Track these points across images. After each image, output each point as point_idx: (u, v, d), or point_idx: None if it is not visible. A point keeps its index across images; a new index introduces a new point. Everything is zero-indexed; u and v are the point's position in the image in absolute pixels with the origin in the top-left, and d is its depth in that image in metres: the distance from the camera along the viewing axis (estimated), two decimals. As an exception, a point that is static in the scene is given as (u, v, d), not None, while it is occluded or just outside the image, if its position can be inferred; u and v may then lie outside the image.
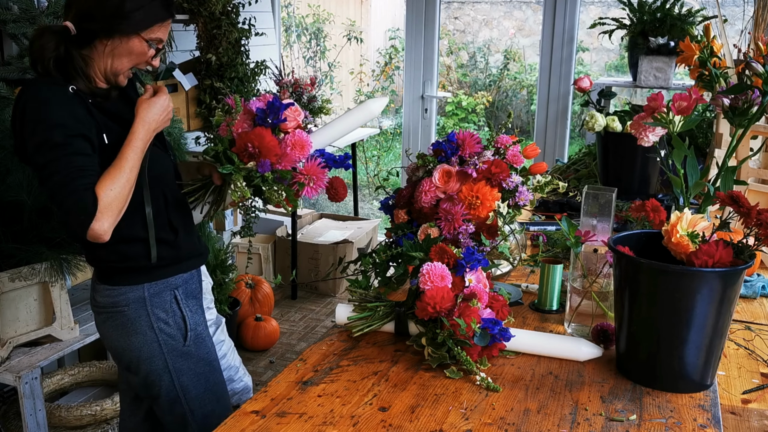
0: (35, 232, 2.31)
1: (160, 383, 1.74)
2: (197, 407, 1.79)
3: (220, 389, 1.85)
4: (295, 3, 7.60)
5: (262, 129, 1.56)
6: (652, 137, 1.68)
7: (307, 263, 4.38)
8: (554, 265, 1.73)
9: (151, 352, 1.71)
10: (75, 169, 1.47)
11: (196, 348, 1.77)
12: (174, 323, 1.73)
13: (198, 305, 1.81)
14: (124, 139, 1.57)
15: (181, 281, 1.76)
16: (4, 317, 2.29)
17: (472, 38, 8.20)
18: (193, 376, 1.77)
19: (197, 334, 1.77)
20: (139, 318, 1.69)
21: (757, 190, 2.30)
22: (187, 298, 1.77)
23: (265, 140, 1.55)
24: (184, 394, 1.76)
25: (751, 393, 1.52)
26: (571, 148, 4.43)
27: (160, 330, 1.71)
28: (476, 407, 1.33)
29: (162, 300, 1.71)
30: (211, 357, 1.82)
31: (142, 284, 1.69)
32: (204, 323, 1.82)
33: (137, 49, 1.60)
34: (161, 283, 1.71)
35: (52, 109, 1.50)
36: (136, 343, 1.71)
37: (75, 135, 1.50)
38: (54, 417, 2.55)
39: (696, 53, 1.78)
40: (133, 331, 1.70)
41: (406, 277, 1.64)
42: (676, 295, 1.31)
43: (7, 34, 2.75)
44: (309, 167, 1.61)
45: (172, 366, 1.73)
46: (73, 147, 1.49)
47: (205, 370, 1.80)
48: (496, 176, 1.66)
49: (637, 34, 3.52)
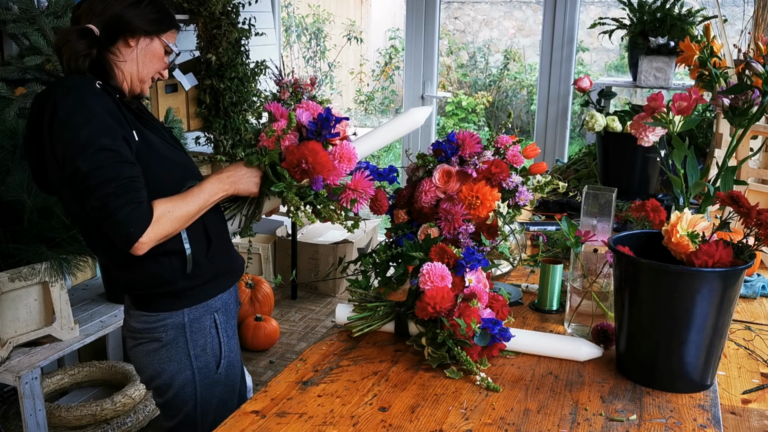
0: (35, 232, 2.31)
1: (183, 408, 1.66)
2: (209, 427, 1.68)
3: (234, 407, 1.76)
4: (295, 3, 7.60)
5: (316, 144, 1.50)
6: (652, 137, 1.68)
7: (307, 263, 4.38)
8: (554, 265, 1.73)
9: (184, 380, 1.63)
10: (126, 180, 1.40)
11: (226, 375, 1.69)
12: (210, 350, 1.65)
13: (234, 327, 1.74)
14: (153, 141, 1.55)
15: (221, 303, 1.67)
16: (4, 317, 2.29)
17: (472, 38, 8.20)
18: (216, 402, 1.68)
19: (230, 362, 1.70)
20: (177, 345, 1.61)
21: (757, 190, 2.30)
22: (227, 321, 1.69)
23: (319, 156, 1.49)
24: (202, 419, 1.67)
25: (751, 393, 1.52)
26: (571, 148, 4.43)
27: (196, 357, 1.63)
28: (476, 407, 1.33)
29: (201, 326, 1.63)
30: (235, 382, 1.73)
31: (181, 309, 1.60)
32: (237, 347, 1.74)
33: (158, 51, 1.60)
34: (201, 307, 1.63)
35: (92, 108, 1.43)
36: (169, 371, 1.62)
37: (119, 138, 1.43)
38: (54, 417, 2.55)
39: (696, 53, 1.78)
40: (168, 359, 1.62)
41: (406, 277, 1.64)
42: (676, 295, 1.31)
43: (7, 34, 2.75)
44: (357, 181, 1.57)
45: (200, 394, 1.65)
46: (120, 154, 1.42)
47: (227, 397, 1.71)
48: (496, 176, 1.66)
49: (637, 34, 3.52)
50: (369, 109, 8.13)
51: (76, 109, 1.41)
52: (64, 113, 1.41)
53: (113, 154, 1.41)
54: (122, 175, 1.40)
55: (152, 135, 1.57)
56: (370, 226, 4.72)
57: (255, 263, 4.45)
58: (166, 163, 1.56)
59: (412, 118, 1.76)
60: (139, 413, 2.71)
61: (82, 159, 1.39)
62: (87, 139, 1.40)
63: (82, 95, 1.44)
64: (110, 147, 1.41)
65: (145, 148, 1.51)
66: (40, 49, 2.66)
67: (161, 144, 1.59)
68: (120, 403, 2.66)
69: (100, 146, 1.40)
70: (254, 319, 3.65)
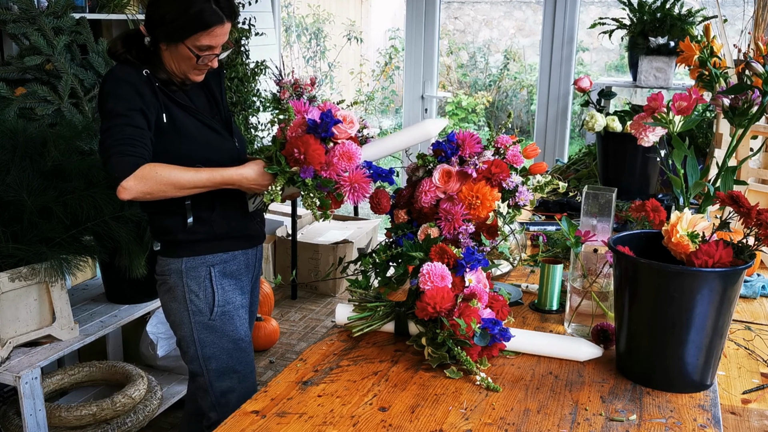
0: (35, 232, 2.30)
1: (187, 350, 1.91)
2: (216, 381, 1.91)
3: (244, 368, 1.95)
4: (295, 3, 7.60)
5: (310, 137, 1.64)
6: (652, 137, 1.68)
7: (307, 263, 4.38)
8: (554, 265, 1.73)
9: (181, 319, 1.89)
10: (126, 137, 1.65)
11: (222, 323, 1.88)
12: (204, 297, 1.87)
13: (236, 286, 1.93)
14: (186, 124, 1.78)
15: (219, 260, 1.88)
16: (4, 317, 2.28)
17: (472, 38, 8.20)
18: (216, 349, 1.90)
19: (225, 311, 1.89)
20: (177, 288, 1.87)
21: (757, 190, 2.30)
22: (224, 277, 1.89)
23: (311, 148, 1.62)
24: (205, 365, 1.90)
25: (751, 393, 1.52)
26: (571, 148, 4.42)
27: (191, 301, 1.87)
28: (476, 407, 1.33)
29: (197, 274, 1.86)
30: (237, 335, 1.92)
31: (181, 258, 1.86)
32: (239, 304, 1.93)
33: (185, 54, 1.75)
34: (198, 259, 1.86)
35: (122, 86, 1.71)
36: (173, 309, 1.90)
37: (135, 109, 1.69)
38: (54, 417, 2.55)
39: (696, 53, 1.78)
40: (172, 298, 1.89)
41: (406, 277, 1.64)
42: (676, 295, 1.31)
43: (7, 34, 2.75)
44: (354, 176, 1.67)
45: (197, 337, 1.88)
46: (129, 119, 1.67)
47: (229, 347, 1.91)
48: (496, 176, 1.66)
49: (637, 34, 3.52)
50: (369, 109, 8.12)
51: (108, 87, 1.73)
52: (101, 90, 1.75)
53: (124, 119, 1.67)
54: (123, 133, 1.66)
55: (187, 117, 1.80)
56: (370, 226, 4.71)
57: (255, 263, 4.45)
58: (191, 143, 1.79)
59: (426, 129, 1.79)
60: (139, 413, 2.70)
61: (104, 121, 1.70)
62: (110, 108, 1.70)
63: (116, 78, 1.73)
64: (124, 113, 1.68)
65: (170, 126, 1.76)
66: (40, 49, 2.66)
67: (197, 126, 1.82)
68: (120, 403, 2.66)
69: (116, 113, 1.68)
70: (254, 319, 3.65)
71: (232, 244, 1.91)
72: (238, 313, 1.92)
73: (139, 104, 1.70)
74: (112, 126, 1.67)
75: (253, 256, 2.00)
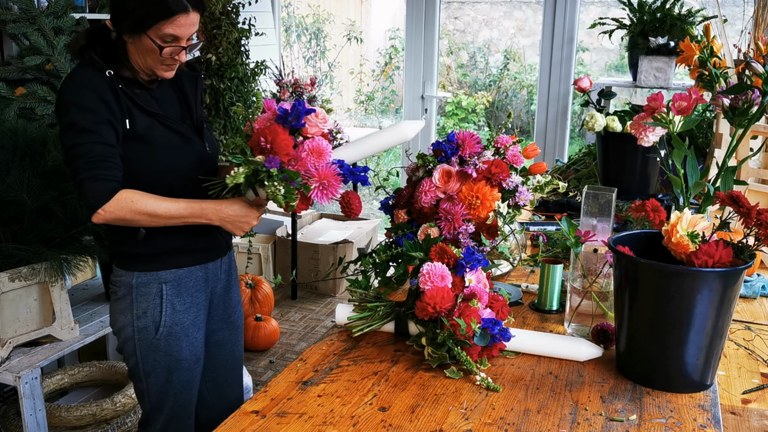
0: (35, 232, 2.30)
1: (128, 359, 1.84)
2: (154, 393, 1.84)
3: (182, 388, 1.85)
4: (295, 3, 7.60)
5: (278, 126, 1.57)
6: (652, 137, 1.68)
7: (307, 263, 4.38)
8: (554, 265, 1.73)
9: (125, 333, 1.80)
10: (97, 158, 1.58)
11: (166, 344, 1.80)
12: (151, 315, 1.78)
13: (191, 304, 1.82)
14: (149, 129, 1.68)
15: (173, 277, 1.79)
16: (4, 317, 2.28)
17: (472, 38, 8.20)
18: (156, 366, 1.81)
19: (171, 333, 1.79)
20: (125, 301, 1.79)
21: (757, 190, 2.30)
22: (177, 295, 1.80)
23: (279, 137, 1.55)
24: (145, 377, 1.83)
25: (751, 393, 1.52)
26: (571, 148, 4.42)
27: (137, 317, 1.78)
28: (476, 407, 1.33)
29: (147, 291, 1.77)
30: (181, 356, 1.82)
31: (132, 272, 1.78)
32: (189, 324, 1.82)
33: (149, 46, 1.65)
34: (150, 275, 1.77)
35: (86, 94, 1.61)
36: (119, 322, 1.81)
37: (103, 122, 1.61)
38: (54, 417, 2.55)
39: (696, 53, 1.78)
40: (119, 311, 1.81)
41: (406, 277, 1.64)
42: (676, 295, 1.31)
43: (7, 34, 2.75)
44: (323, 172, 1.59)
45: (140, 353, 1.80)
46: (98, 135, 1.60)
47: (171, 366, 1.82)
48: (496, 176, 1.66)
49: (637, 34, 3.52)
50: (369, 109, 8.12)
51: (71, 96, 1.62)
52: (61, 98, 1.64)
53: (94, 136, 1.59)
54: (94, 153, 1.58)
55: (151, 122, 1.70)
56: (370, 226, 4.71)
57: (255, 263, 4.45)
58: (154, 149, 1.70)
59: (402, 131, 1.72)
60: (139, 413, 2.70)
61: (67, 134, 1.61)
62: (74, 121, 1.60)
63: (78, 85, 1.63)
64: (92, 129, 1.59)
65: (132, 131, 1.67)
66: (40, 49, 2.66)
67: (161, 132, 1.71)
68: (120, 403, 2.66)
69: (83, 128, 1.59)
70: (254, 319, 3.65)
71: (188, 259, 1.81)
72: (187, 333, 1.82)
73: (106, 115, 1.61)
74: (81, 144, 1.58)
75: (215, 270, 1.89)
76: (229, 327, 1.99)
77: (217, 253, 1.88)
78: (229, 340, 1.99)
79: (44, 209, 2.31)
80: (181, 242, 1.78)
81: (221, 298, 1.95)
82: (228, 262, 1.95)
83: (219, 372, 2.00)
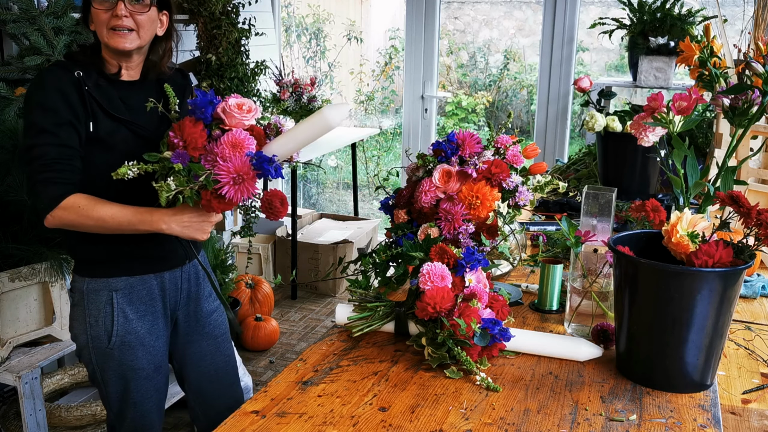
0: (35, 232, 2.31)
1: (87, 366, 1.81)
2: (113, 400, 1.81)
3: (140, 397, 1.81)
4: (295, 3, 7.60)
5: (188, 120, 1.48)
6: (652, 137, 1.68)
7: (307, 263, 4.38)
8: (554, 265, 1.73)
9: (81, 340, 1.78)
10: (50, 160, 1.58)
11: (120, 353, 1.76)
12: (102, 324, 1.74)
13: (146, 312, 1.78)
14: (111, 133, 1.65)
15: (123, 285, 1.75)
16: (4, 317, 2.29)
17: (472, 38, 8.19)
18: (113, 375, 1.78)
19: (124, 342, 1.75)
20: (79, 307, 1.77)
21: (757, 190, 2.30)
22: (129, 303, 1.75)
23: (186, 131, 1.45)
24: (104, 385, 1.80)
25: (751, 393, 1.52)
26: (571, 148, 4.42)
27: (90, 325, 1.75)
28: (476, 407, 1.33)
29: (97, 298, 1.74)
30: (137, 365, 1.78)
31: (84, 278, 1.75)
32: (145, 332, 1.78)
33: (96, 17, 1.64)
34: (100, 282, 1.74)
35: (49, 95, 1.60)
36: (75, 328, 1.79)
37: (63, 123, 1.60)
38: (54, 417, 2.55)
39: (696, 53, 1.78)
40: (74, 317, 1.79)
41: (406, 277, 1.64)
42: (676, 295, 1.31)
43: (7, 34, 2.75)
44: (238, 166, 1.43)
45: (96, 361, 1.78)
46: (57, 137, 1.59)
47: (128, 375, 1.78)
48: (496, 176, 1.66)
49: (637, 34, 3.52)
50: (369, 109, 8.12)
51: (35, 94, 1.62)
52: (26, 97, 1.64)
53: (50, 137, 1.58)
54: (49, 155, 1.58)
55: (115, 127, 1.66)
56: (370, 226, 4.71)
57: (255, 263, 4.45)
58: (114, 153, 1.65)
59: (324, 118, 1.54)
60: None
61: (26, 136, 1.61)
62: (34, 121, 1.60)
63: (43, 83, 1.62)
64: (50, 130, 1.59)
65: (95, 135, 1.65)
66: (40, 49, 2.66)
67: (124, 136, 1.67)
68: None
69: (41, 128, 1.58)
70: (254, 319, 3.65)
71: (140, 267, 1.76)
72: (143, 342, 1.77)
73: (67, 116, 1.60)
74: (37, 145, 1.57)
75: (173, 280, 1.82)
76: (204, 338, 1.92)
77: (173, 263, 1.81)
78: (209, 352, 1.93)
79: (44, 209, 2.31)
80: (131, 249, 1.73)
81: (188, 308, 1.89)
82: (192, 273, 1.87)
83: (203, 384, 1.95)
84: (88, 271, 1.75)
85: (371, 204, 6.61)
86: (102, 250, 1.72)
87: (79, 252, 1.75)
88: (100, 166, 1.64)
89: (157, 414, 1.87)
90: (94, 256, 1.73)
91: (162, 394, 1.87)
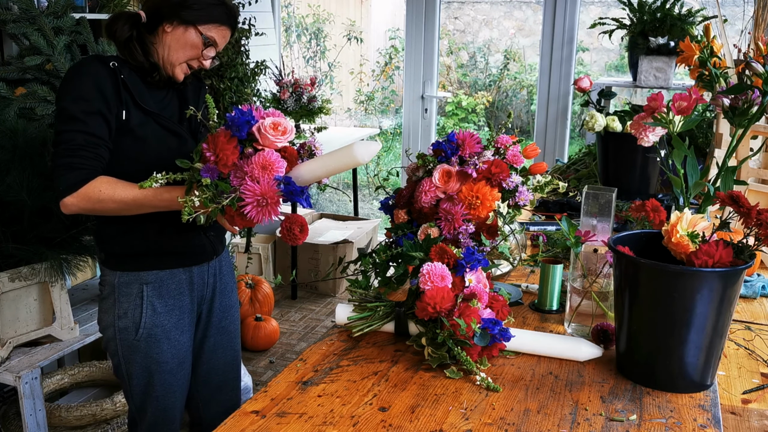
0: (35, 232, 2.31)
1: (112, 358, 1.85)
2: (136, 394, 1.85)
3: (163, 391, 1.84)
4: (295, 3, 7.60)
5: (222, 134, 1.48)
6: (652, 137, 1.68)
7: (307, 263, 4.38)
8: (554, 265, 1.73)
9: (109, 332, 1.82)
10: (75, 146, 1.60)
11: (147, 345, 1.80)
12: (131, 316, 1.78)
13: (173, 307, 1.82)
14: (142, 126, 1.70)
15: (154, 278, 1.79)
16: (4, 317, 2.29)
17: (472, 38, 8.20)
18: (138, 368, 1.82)
19: (151, 334, 1.79)
20: (109, 300, 1.81)
21: (757, 190, 2.30)
22: (158, 297, 1.79)
23: (219, 146, 1.46)
24: (128, 378, 1.83)
25: (751, 393, 1.52)
26: (571, 148, 4.43)
27: (118, 317, 1.79)
28: (476, 407, 1.33)
29: (129, 291, 1.78)
30: (162, 359, 1.81)
31: (115, 271, 1.79)
32: (171, 326, 1.81)
33: (192, 40, 1.71)
34: (132, 275, 1.78)
35: (84, 82, 1.64)
36: (103, 321, 1.83)
37: (93, 112, 1.63)
38: (54, 417, 2.55)
39: (696, 53, 1.78)
40: (104, 310, 1.83)
41: (406, 277, 1.64)
42: (675, 295, 1.31)
43: (7, 34, 2.75)
44: (265, 188, 1.44)
45: (122, 353, 1.81)
46: (85, 124, 1.62)
47: (152, 368, 1.82)
48: (496, 176, 1.66)
49: (637, 34, 3.52)
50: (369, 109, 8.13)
51: (69, 82, 1.66)
52: (61, 83, 1.68)
53: (79, 124, 1.62)
54: (74, 141, 1.61)
55: (146, 120, 1.72)
56: (370, 226, 4.72)
57: (255, 263, 4.45)
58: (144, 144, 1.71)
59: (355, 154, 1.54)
60: (139, 413, 2.70)
61: (58, 120, 1.65)
62: (65, 106, 1.64)
63: (79, 72, 1.66)
64: (80, 118, 1.62)
65: (126, 124, 1.69)
66: (40, 49, 2.66)
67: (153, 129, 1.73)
68: (120, 403, 2.66)
69: (71, 115, 1.62)
70: (254, 319, 3.65)
71: (170, 261, 1.80)
72: (168, 335, 1.81)
73: (98, 105, 1.63)
74: (66, 131, 1.61)
75: (201, 274, 1.87)
76: (221, 333, 1.97)
77: (202, 258, 1.86)
78: (222, 346, 1.97)
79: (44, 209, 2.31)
80: (162, 243, 1.77)
81: (211, 303, 1.93)
82: (218, 267, 1.93)
83: (211, 377, 1.98)
84: (119, 265, 1.78)
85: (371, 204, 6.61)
86: (133, 244, 1.76)
87: (111, 245, 1.78)
88: (130, 156, 1.70)
89: (178, 410, 1.90)
90: (125, 250, 1.77)
91: (183, 391, 1.91)
